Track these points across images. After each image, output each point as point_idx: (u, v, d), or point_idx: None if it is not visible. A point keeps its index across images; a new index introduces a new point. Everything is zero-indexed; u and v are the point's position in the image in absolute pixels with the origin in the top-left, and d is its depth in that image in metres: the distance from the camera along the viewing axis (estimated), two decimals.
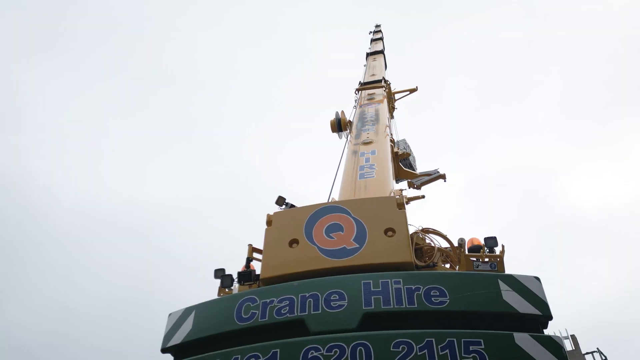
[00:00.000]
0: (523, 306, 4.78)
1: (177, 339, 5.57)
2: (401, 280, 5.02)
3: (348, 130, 14.60)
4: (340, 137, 14.63)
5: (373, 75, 17.50)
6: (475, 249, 5.88)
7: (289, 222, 6.02)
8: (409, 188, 12.46)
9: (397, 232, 5.51)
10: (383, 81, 15.40)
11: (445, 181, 12.02)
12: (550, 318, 4.78)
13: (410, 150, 13.09)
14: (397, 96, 15.18)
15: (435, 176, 12.01)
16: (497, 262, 5.45)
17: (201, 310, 5.66)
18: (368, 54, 22.29)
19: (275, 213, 6.18)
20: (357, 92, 15.78)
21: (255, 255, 6.78)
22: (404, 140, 13.46)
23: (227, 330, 5.32)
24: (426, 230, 6.41)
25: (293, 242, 5.78)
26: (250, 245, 6.59)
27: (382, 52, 22.11)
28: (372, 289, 5.03)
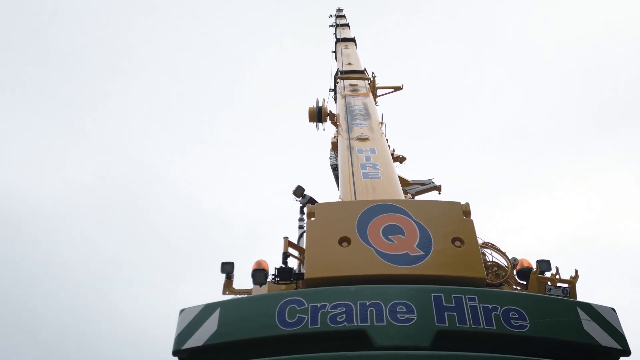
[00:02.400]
0: (603, 338, 4.48)
1: (196, 340, 4.71)
2: (476, 297, 4.55)
3: (327, 122, 13.96)
4: (317, 127, 13.96)
5: (350, 64, 16.84)
6: (525, 271, 5.54)
7: (337, 216, 5.35)
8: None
9: (465, 243, 5.04)
10: (367, 73, 14.83)
11: (440, 193, 11.58)
12: (629, 353, 4.52)
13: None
14: (379, 92, 14.62)
15: (429, 187, 11.55)
16: (570, 289, 5.14)
17: (229, 308, 4.86)
18: (338, 39, 21.51)
19: (318, 205, 5.48)
20: (336, 80, 15.10)
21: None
22: None
23: (268, 335, 4.59)
24: (484, 245, 5.98)
25: (343, 240, 5.13)
26: (286, 238, 5.80)
27: (353, 40, 21.53)
28: (444, 304, 4.51)
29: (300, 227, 6.52)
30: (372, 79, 14.46)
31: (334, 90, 16.28)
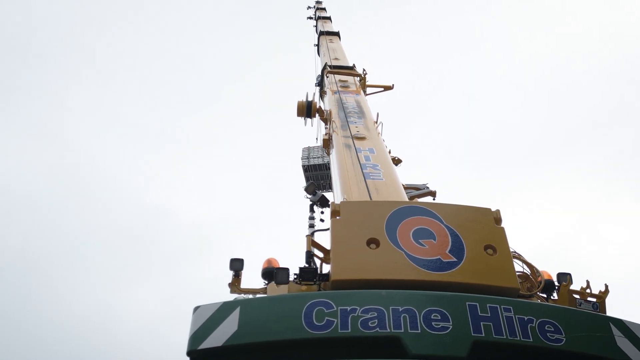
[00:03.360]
0: (636, 356, 4.42)
1: (214, 340, 4.39)
2: (512, 308, 4.41)
3: (317, 118, 13.66)
4: (305, 123, 13.66)
5: (337, 59, 16.53)
6: (549, 283, 5.45)
7: (364, 216, 5.11)
8: None
9: (498, 251, 4.89)
10: (356, 69, 14.60)
11: (434, 199, 11.41)
12: None
13: None
14: (368, 90, 14.32)
15: (424, 192, 11.38)
16: (599, 303, 5.08)
17: (249, 307, 4.55)
18: (322, 32, 20.98)
19: (344, 203, 5.21)
20: (324, 75, 14.76)
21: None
22: None
23: (294, 338, 4.33)
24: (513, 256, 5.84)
25: (371, 241, 4.89)
26: (309, 236, 5.49)
27: (338, 34, 21.16)
28: (479, 314, 4.35)
29: (311, 225, 6.26)
30: (363, 76, 14.23)
31: (320, 84, 15.95)
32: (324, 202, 6.28)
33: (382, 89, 14.60)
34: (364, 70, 14.44)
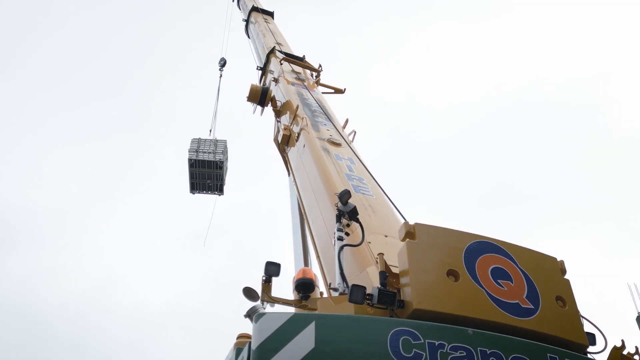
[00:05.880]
0: None
1: (289, 356, 3.73)
2: None
3: (269, 107, 12.66)
4: (254, 110, 12.62)
5: (280, 45, 15.53)
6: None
7: (440, 244, 4.68)
8: None
9: (567, 304, 4.79)
10: (312, 64, 13.79)
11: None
12: None
13: None
14: (320, 89, 13.56)
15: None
16: None
17: (326, 324, 3.95)
18: (255, 9, 19.15)
19: (419, 225, 4.73)
20: (280, 62, 13.29)
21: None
22: None
23: None
24: None
25: (451, 273, 4.51)
26: (381, 255, 4.85)
27: (272, 14, 19.71)
28: None
29: (340, 238, 5.63)
30: (319, 71, 13.47)
31: (263, 69, 14.90)
32: (353, 215, 5.72)
33: (333, 90, 13.48)
34: (320, 65, 13.55)
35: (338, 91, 13.45)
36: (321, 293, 6.36)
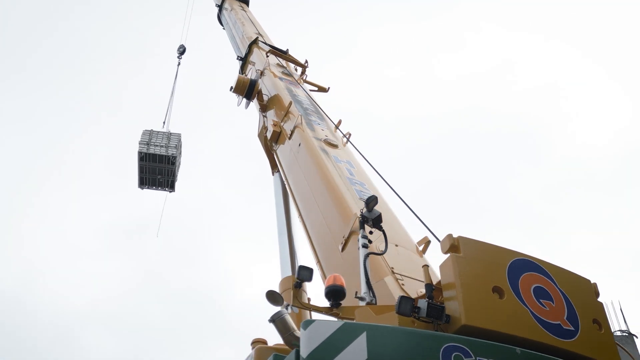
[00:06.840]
0: None
1: None
2: None
3: (254, 101, 12.13)
4: (239, 103, 12.06)
5: (261, 35, 14.99)
6: None
7: (485, 258, 4.51)
8: None
9: (603, 328, 4.72)
10: (299, 60, 13.34)
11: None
12: None
13: None
14: (305, 86, 13.09)
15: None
16: None
17: (378, 335, 3.76)
18: None
19: (462, 239, 4.52)
20: (266, 54, 12.79)
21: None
22: None
23: None
24: None
25: (496, 289, 4.34)
26: (426, 267, 4.57)
27: (248, 2, 18.65)
28: None
29: (364, 246, 5.35)
30: (305, 67, 13.02)
31: (244, 59, 14.30)
32: (377, 222, 5.48)
33: (317, 88, 12.71)
34: (306, 61, 13.09)
35: (322, 90, 12.79)
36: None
